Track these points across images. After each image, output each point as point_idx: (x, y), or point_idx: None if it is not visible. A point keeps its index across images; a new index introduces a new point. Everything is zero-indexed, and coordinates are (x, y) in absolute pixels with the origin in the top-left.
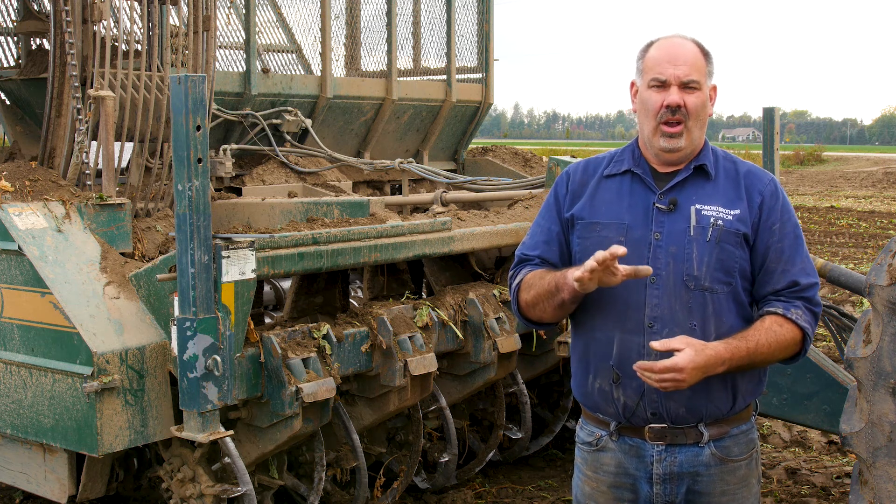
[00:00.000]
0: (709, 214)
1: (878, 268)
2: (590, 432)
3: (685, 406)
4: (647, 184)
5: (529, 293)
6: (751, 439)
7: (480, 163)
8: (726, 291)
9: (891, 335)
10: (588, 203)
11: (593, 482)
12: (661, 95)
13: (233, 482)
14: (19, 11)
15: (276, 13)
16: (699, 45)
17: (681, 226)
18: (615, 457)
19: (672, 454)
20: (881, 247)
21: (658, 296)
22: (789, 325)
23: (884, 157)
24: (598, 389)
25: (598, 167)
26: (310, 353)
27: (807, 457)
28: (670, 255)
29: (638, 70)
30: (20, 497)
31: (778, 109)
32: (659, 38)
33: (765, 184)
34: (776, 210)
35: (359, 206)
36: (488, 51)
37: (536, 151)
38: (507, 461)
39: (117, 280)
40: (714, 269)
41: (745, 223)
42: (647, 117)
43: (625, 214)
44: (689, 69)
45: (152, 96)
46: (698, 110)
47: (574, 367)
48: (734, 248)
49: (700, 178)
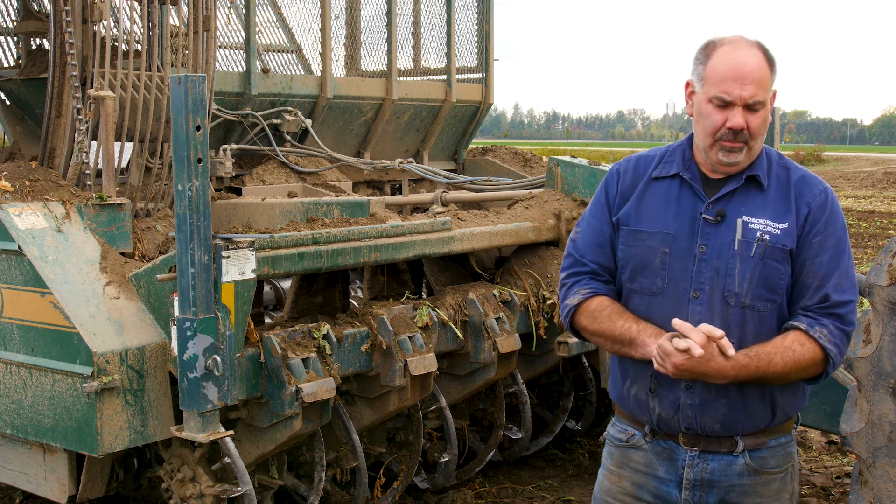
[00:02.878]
0: (756, 228)
1: (878, 268)
2: (622, 429)
3: (720, 422)
4: (696, 191)
5: (593, 324)
6: (788, 452)
7: (480, 163)
8: (769, 309)
9: (891, 335)
10: (634, 207)
11: (616, 477)
12: (723, 115)
13: (233, 482)
14: (19, 11)
15: (276, 13)
16: (765, 53)
17: (727, 238)
18: (646, 456)
19: (705, 460)
20: (881, 247)
21: (700, 311)
22: (811, 345)
23: (884, 157)
24: (634, 396)
25: (647, 166)
26: (310, 353)
27: (807, 457)
28: (714, 270)
29: (697, 75)
30: (20, 497)
31: (778, 109)
32: (723, 43)
33: (814, 195)
34: (821, 222)
35: (359, 206)
36: (488, 51)
37: (536, 151)
38: (507, 461)
39: (117, 280)
40: (757, 286)
41: (791, 237)
42: (705, 132)
43: (671, 224)
44: (755, 89)
45: (152, 96)
46: (760, 130)
47: (612, 368)
48: (779, 265)
49: (752, 187)
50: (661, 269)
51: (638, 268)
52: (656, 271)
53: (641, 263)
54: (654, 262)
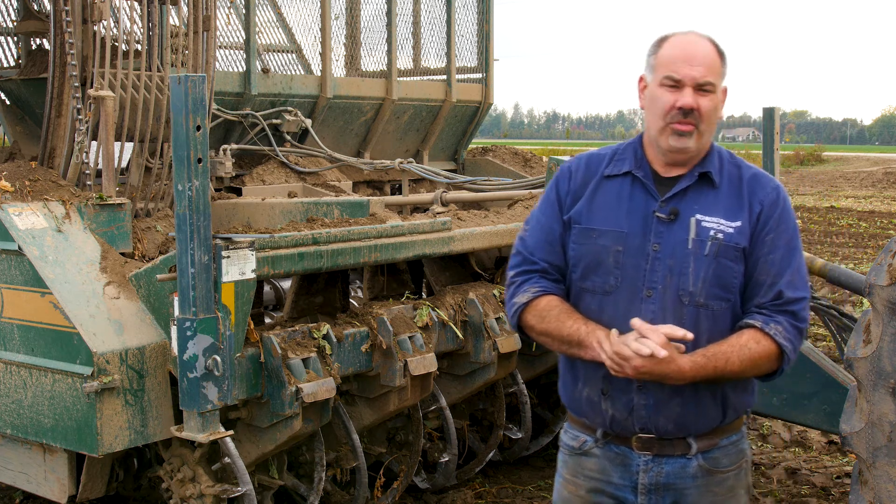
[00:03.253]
0: (709, 227)
1: (878, 268)
2: (574, 436)
3: (674, 422)
4: (649, 189)
5: (541, 324)
6: (740, 450)
7: (480, 163)
8: (723, 307)
9: (891, 335)
10: (586, 206)
11: (572, 486)
12: (673, 95)
13: (233, 482)
14: (19, 11)
15: (276, 13)
16: (716, 44)
17: (680, 237)
18: (599, 463)
19: (659, 464)
20: (881, 247)
21: (653, 310)
22: (767, 342)
23: (884, 157)
24: (586, 398)
25: (599, 164)
26: (310, 353)
27: (807, 457)
28: (668, 268)
29: (649, 65)
30: (20, 497)
31: (778, 109)
32: (674, 34)
33: (766, 192)
34: (773, 220)
35: (359, 206)
36: (488, 51)
37: (536, 151)
38: (507, 461)
39: (117, 280)
40: (711, 284)
41: (744, 236)
42: (656, 116)
43: (623, 222)
44: (705, 70)
45: (152, 96)
46: (711, 114)
47: (562, 370)
48: (733, 264)
49: (704, 185)
50: (613, 268)
51: (590, 266)
52: (609, 270)
53: (594, 262)
54: (606, 260)
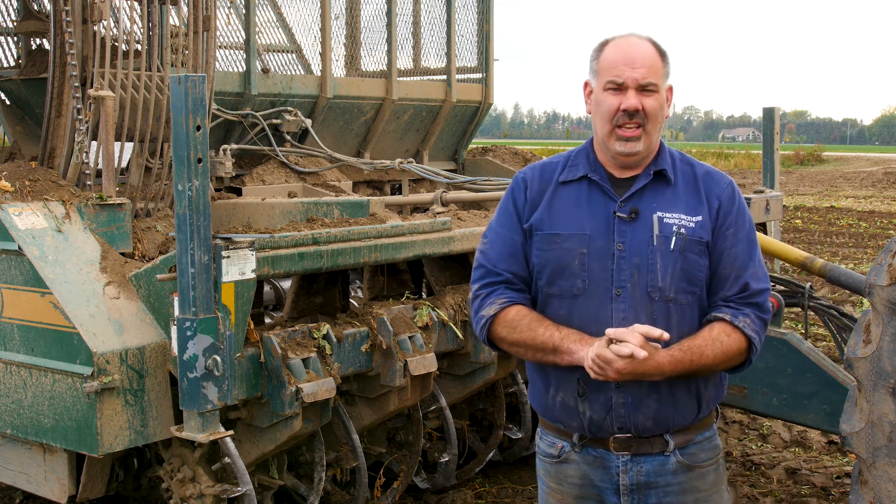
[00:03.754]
0: (671, 223)
1: (878, 268)
2: (551, 443)
3: (653, 419)
4: (606, 191)
5: (512, 334)
6: (715, 445)
7: (480, 163)
8: (691, 301)
9: (891, 335)
10: (546, 213)
11: (558, 494)
12: (617, 98)
13: (233, 482)
14: (19, 11)
15: (276, 13)
16: (656, 45)
17: (643, 235)
18: (579, 468)
19: (638, 464)
20: (881, 247)
21: (624, 309)
22: (737, 335)
23: (884, 157)
24: (561, 403)
25: (553, 172)
26: (310, 353)
27: (807, 457)
28: (634, 267)
29: (592, 70)
30: (20, 497)
31: (778, 109)
32: (614, 38)
33: (722, 188)
34: (732, 214)
35: (359, 206)
36: (488, 51)
37: (536, 151)
38: (507, 461)
39: (117, 280)
40: (679, 279)
41: (706, 230)
42: (602, 120)
43: (585, 224)
44: (646, 71)
45: (152, 96)
46: (656, 113)
47: (531, 378)
48: (698, 257)
49: (660, 183)
50: (580, 271)
51: (556, 271)
52: (575, 273)
53: (559, 266)
54: (572, 263)
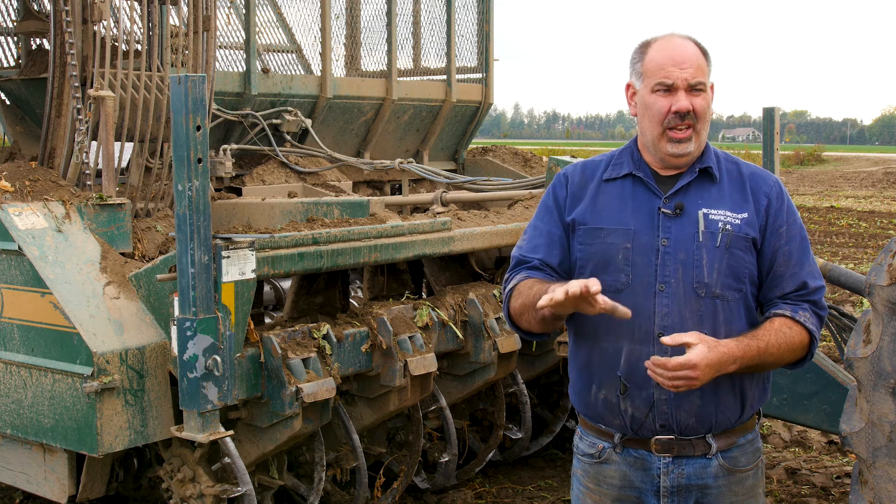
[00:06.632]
0: (717, 219)
1: (878, 268)
2: (591, 444)
3: (695, 416)
4: (651, 188)
5: (518, 301)
6: (757, 448)
7: (480, 163)
8: (737, 298)
9: (891, 335)
10: (590, 207)
11: (596, 495)
12: (667, 100)
13: (233, 482)
14: (19, 11)
15: (276, 13)
16: (698, 43)
17: (689, 231)
18: (619, 469)
19: (679, 466)
20: (881, 247)
21: (668, 304)
22: (798, 328)
23: (884, 157)
24: (603, 401)
25: (595, 170)
26: (310, 353)
27: (807, 457)
28: (679, 262)
29: (636, 72)
30: (20, 497)
31: (778, 109)
32: (656, 39)
33: (770, 186)
34: (783, 212)
35: (359, 206)
36: (488, 51)
37: (536, 151)
38: (507, 461)
39: (117, 280)
40: (725, 275)
41: (753, 227)
42: (652, 122)
43: (629, 219)
44: (695, 71)
45: (152, 96)
46: (706, 112)
47: (574, 377)
48: (744, 254)
49: (705, 181)
50: (624, 265)
51: (600, 265)
52: (619, 267)
53: (603, 260)
54: (616, 258)
